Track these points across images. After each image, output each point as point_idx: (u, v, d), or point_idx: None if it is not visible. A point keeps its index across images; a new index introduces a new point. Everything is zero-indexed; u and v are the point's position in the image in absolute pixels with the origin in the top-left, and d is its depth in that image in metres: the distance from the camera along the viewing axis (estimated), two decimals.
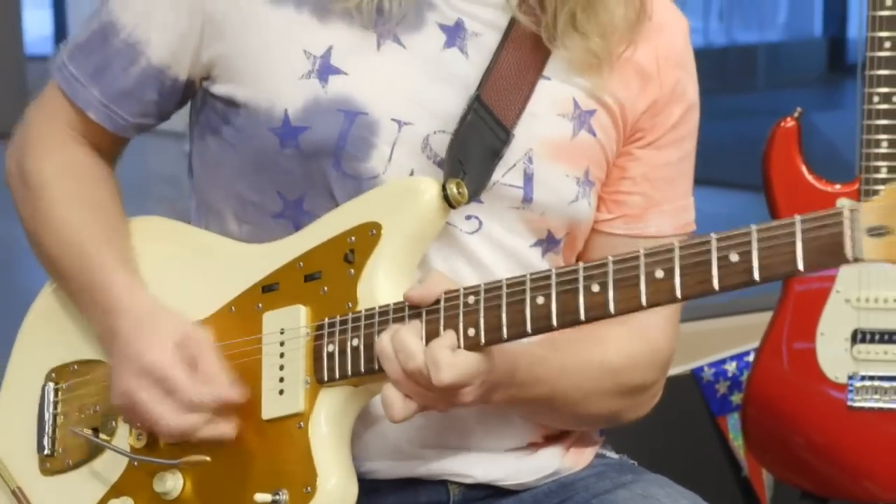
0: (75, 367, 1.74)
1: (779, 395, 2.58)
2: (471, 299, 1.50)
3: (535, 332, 1.49)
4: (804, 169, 2.57)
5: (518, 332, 1.49)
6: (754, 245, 1.41)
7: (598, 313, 1.46)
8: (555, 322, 1.47)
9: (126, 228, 1.73)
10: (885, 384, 2.51)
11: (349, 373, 1.56)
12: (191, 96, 1.75)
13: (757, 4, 12.14)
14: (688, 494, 1.72)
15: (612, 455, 1.85)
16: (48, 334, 1.77)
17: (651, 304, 1.45)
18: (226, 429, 1.60)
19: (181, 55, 1.69)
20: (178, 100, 1.74)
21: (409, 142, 1.64)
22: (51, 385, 1.74)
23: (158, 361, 1.59)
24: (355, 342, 1.55)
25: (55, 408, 1.74)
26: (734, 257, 1.42)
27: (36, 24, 9.99)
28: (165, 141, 1.79)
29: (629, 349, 1.71)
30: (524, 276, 1.49)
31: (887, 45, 2.44)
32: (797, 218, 1.40)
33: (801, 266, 1.40)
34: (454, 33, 1.66)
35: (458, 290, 1.51)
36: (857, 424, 2.52)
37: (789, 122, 2.58)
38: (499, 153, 1.64)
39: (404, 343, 1.49)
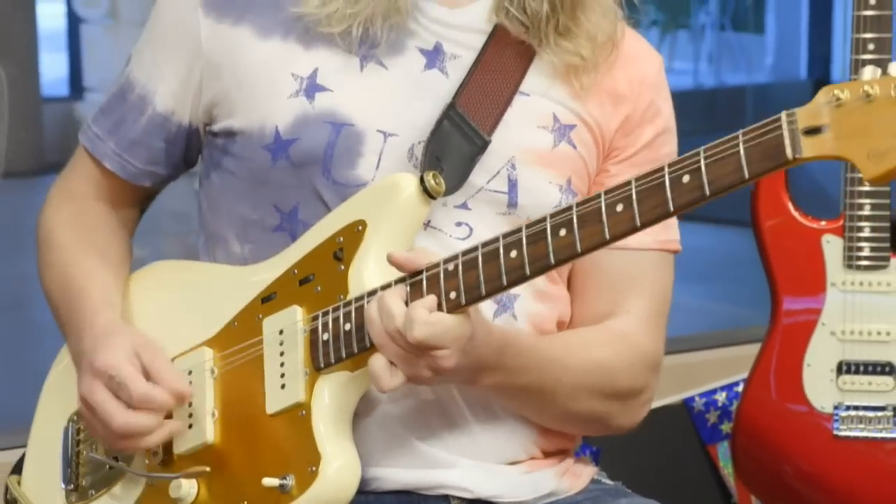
0: None
1: (767, 425, 2.57)
2: (450, 266, 1.53)
3: (511, 283, 1.51)
4: (791, 206, 2.57)
5: (495, 287, 1.52)
6: (702, 163, 1.45)
7: (566, 254, 1.50)
8: (527, 270, 1.51)
9: (119, 272, 1.78)
10: (870, 414, 2.51)
11: (343, 355, 1.58)
12: (196, 147, 1.79)
13: (745, 47, 12.17)
14: None
15: (608, 482, 1.84)
16: (69, 386, 1.78)
17: (613, 237, 1.48)
18: (175, 427, 1.64)
19: (183, 101, 1.75)
20: (183, 147, 1.79)
21: (395, 151, 1.67)
22: (72, 425, 1.77)
23: (109, 361, 1.62)
24: (347, 326, 1.58)
25: (77, 445, 1.77)
26: (686, 178, 1.45)
27: (52, 66, 10.01)
28: (176, 181, 1.82)
29: (617, 351, 1.71)
30: (497, 237, 1.52)
31: None
32: (740, 131, 1.45)
33: (746, 174, 1.44)
34: (434, 56, 1.70)
35: (438, 261, 1.54)
36: (842, 453, 2.51)
37: None
38: (475, 158, 1.66)
39: (386, 304, 1.52)
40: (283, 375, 1.62)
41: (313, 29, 1.69)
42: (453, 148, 1.66)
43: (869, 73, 1.41)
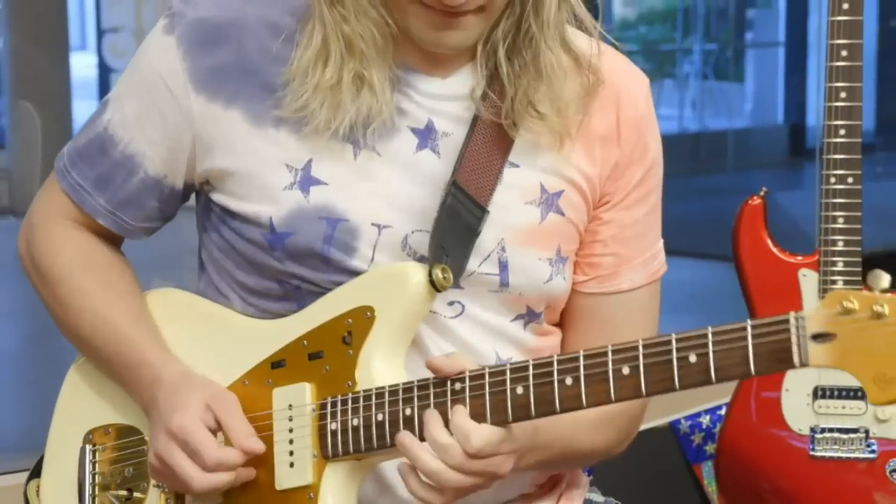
0: (110, 430, 1.73)
1: (748, 446, 2.56)
2: (457, 385, 1.50)
3: (515, 420, 1.49)
4: (769, 242, 2.57)
5: (501, 420, 1.49)
6: (710, 347, 1.40)
7: (572, 405, 1.47)
8: (533, 412, 1.48)
9: (144, 304, 1.72)
10: (843, 436, 2.50)
11: (351, 450, 1.55)
12: (191, 195, 1.72)
13: (726, 94, 12.18)
14: None
15: (599, 498, 1.82)
16: (84, 400, 1.75)
17: (619, 399, 1.45)
18: (244, 475, 1.59)
19: (175, 166, 1.67)
20: (178, 203, 1.72)
21: (390, 243, 1.61)
22: (88, 447, 1.73)
23: (184, 424, 1.57)
24: (355, 422, 1.54)
25: (94, 468, 1.73)
26: (693, 358, 1.41)
27: (84, 112, 10.04)
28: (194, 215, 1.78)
29: None
30: (504, 365, 1.49)
31: (842, 131, 2.44)
32: (748, 323, 1.38)
33: (752, 370, 1.39)
34: (426, 135, 1.63)
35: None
36: (818, 472, 2.50)
37: (756, 200, 2.58)
38: (476, 229, 1.61)
39: (437, 440, 1.48)
40: (291, 453, 1.58)
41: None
42: (456, 224, 1.59)
43: (883, 281, 1.34)
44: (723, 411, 2.67)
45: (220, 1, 1.64)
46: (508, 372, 1.49)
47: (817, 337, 1.36)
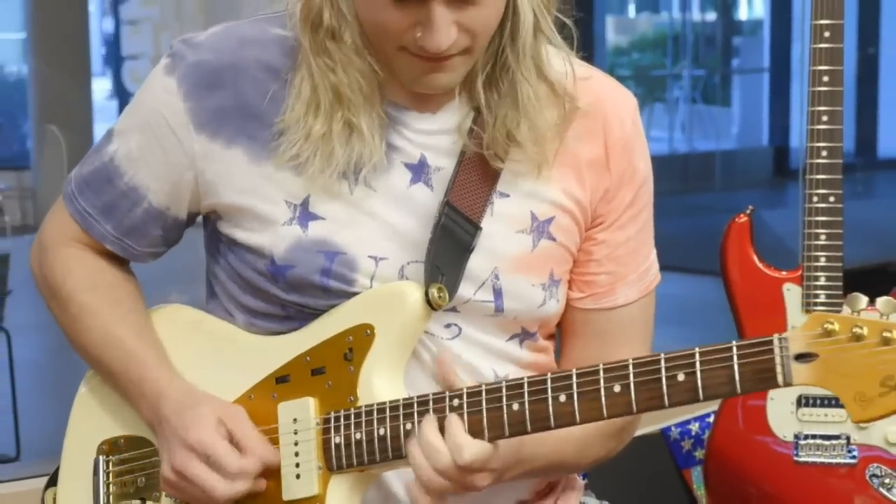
0: (121, 441, 1.72)
1: (735, 451, 2.56)
2: (455, 402, 1.50)
3: (512, 435, 1.49)
4: (755, 258, 2.56)
5: (498, 435, 1.49)
6: (698, 367, 1.40)
7: (566, 421, 1.47)
8: (529, 427, 1.48)
9: (150, 322, 1.71)
10: (826, 442, 2.50)
11: (354, 463, 1.55)
12: (195, 221, 1.71)
13: (713, 118, 12.19)
14: None
15: (594, 501, 1.80)
16: (95, 413, 1.75)
17: (611, 416, 1.45)
18: (261, 485, 1.59)
19: (178, 199, 1.66)
20: (182, 230, 1.72)
21: (386, 273, 1.60)
22: (101, 458, 1.72)
23: (202, 438, 1.57)
24: (358, 436, 1.55)
25: (108, 477, 1.72)
26: (681, 377, 1.41)
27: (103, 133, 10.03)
28: None
29: None
30: (500, 383, 1.49)
31: (824, 153, 2.44)
32: (734, 343, 1.38)
33: (738, 389, 1.39)
34: (419, 170, 1.61)
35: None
36: (802, 477, 2.50)
37: (742, 218, 2.58)
38: (470, 246, 1.60)
39: (429, 442, 1.49)
40: (297, 465, 1.58)
41: None
42: (451, 242, 1.58)
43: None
44: (711, 419, 2.67)
45: (219, 44, 1.63)
46: (504, 389, 1.48)
47: (800, 357, 1.36)
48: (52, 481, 1.79)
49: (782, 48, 11.65)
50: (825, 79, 2.43)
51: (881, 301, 1.33)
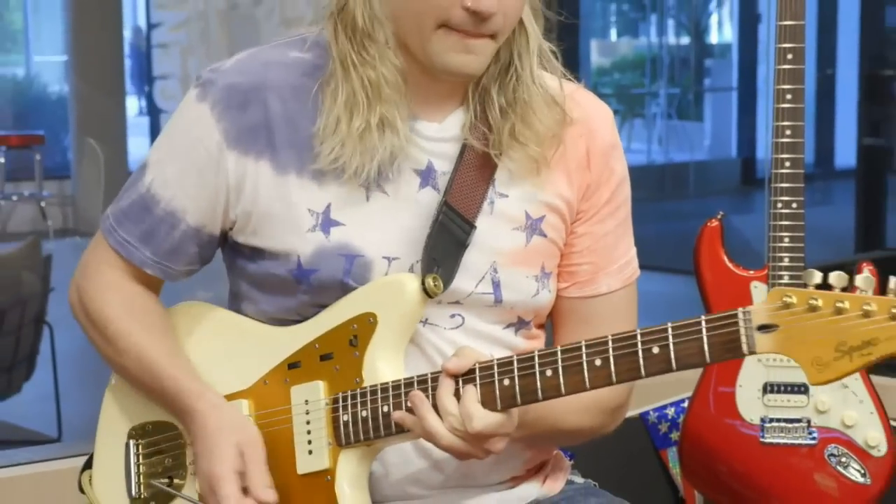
0: (149, 426, 1.72)
1: (707, 433, 2.56)
2: (503, 369, 1.50)
3: (504, 408, 1.50)
4: (725, 258, 2.56)
5: (491, 408, 1.49)
6: (671, 340, 1.41)
7: (553, 393, 1.47)
8: (519, 400, 1.48)
9: (178, 343, 1.71)
10: (789, 425, 2.49)
11: (361, 438, 1.56)
12: (225, 240, 1.71)
13: (688, 132, 12.20)
14: None
15: (580, 480, 1.81)
16: (124, 402, 1.75)
17: (593, 387, 1.46)
18: None
19: (213, 216, 1.65)
20: (215, 247, 1.71)
21: (398, 271, 1.61)
22: (132, 442, 1.73)
23: (215, 473, 1.59)
24: (364, 413, 1.55)
25: (138, 459, 1.72)
26: (655, 350, 1.42)
27: (137, 147, 10.06)
28: None
29: None
30: (492, 361, 1.50)
31: (787, 164, 2.44)
32: (702, 318, 1.40)
33: (707, 359, 1.40)
34: (427, 175, 1.62)
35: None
36: (767, 456, 2.50)
37: (714, 223, 2.58)
38: (464, 242, 1.61)
39: (444, 404, 1.50)
40: (310, 442, 1.59)
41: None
42: (446, 238, 1.59)
43: (816, 278, 1.35)
44: (685, 404, 2.67)
45: (245, 68, 1.64)
46: (496, 366, 1.49)
47: (762, 328, 1.36)
48: (88, 465, 1.79)
49: (749, 69, 11.66)
50: (788, 97, 2.43)
51: (833, 275, 1.35)
